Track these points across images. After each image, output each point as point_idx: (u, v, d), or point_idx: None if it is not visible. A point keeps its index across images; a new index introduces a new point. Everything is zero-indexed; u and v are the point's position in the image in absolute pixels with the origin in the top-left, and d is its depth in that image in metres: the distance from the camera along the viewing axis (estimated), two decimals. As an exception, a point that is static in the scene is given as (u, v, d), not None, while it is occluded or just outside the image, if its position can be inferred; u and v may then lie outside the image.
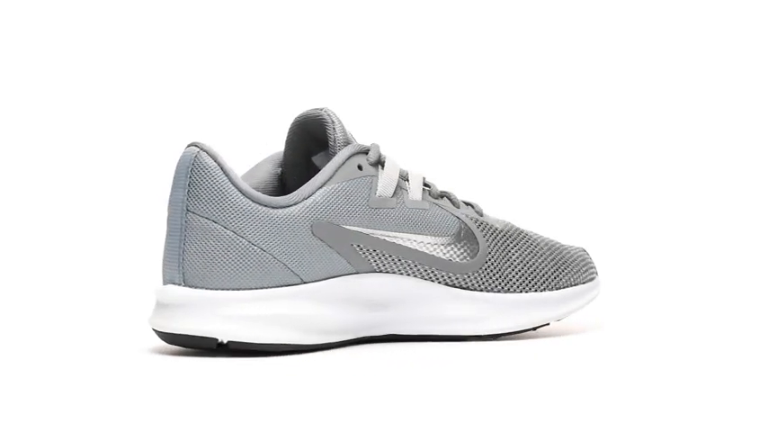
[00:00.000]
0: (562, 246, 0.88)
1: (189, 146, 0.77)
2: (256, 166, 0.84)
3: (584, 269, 0.87)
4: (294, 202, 0.78)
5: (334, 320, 0.79)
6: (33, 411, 0.63)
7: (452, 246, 0.83)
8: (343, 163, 0.80)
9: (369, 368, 0.75)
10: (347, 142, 0.81)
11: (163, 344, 0.79)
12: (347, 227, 0.79)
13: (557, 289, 0.86)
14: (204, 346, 0.76)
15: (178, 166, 0.77)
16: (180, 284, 0.76)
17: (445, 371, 0.74)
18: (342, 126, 0.81)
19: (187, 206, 0.76)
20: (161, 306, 0.77)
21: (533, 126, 1.25)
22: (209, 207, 0.76)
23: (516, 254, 0.85)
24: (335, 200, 0.79)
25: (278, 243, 0.77)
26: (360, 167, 0.81)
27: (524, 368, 0.75)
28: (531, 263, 0.85)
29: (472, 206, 0.86)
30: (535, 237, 0.87)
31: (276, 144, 0.84)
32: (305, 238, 0.78)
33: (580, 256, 0.88)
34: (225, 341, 0.76)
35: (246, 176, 0.83)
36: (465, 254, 0.83)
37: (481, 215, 0.86)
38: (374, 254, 0.80)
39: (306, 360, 0.77)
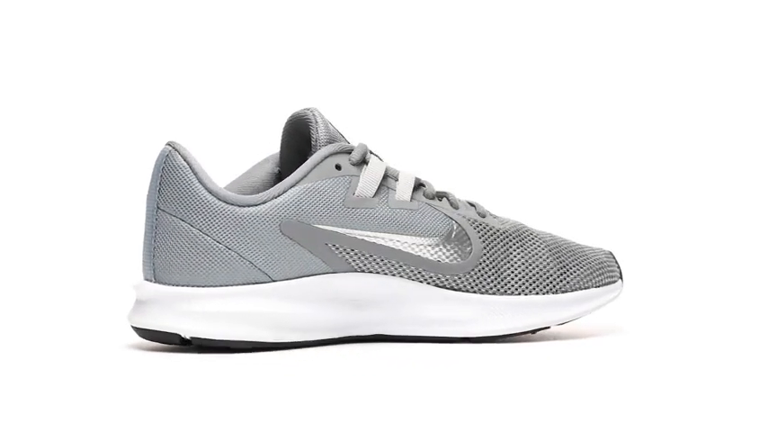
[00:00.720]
0: (577, 248, 0.85)
1: (165, 145, 0.79)
2: (257, 164, 0.85)
3: (598, 272, 0.84)
4: (263, 201, 0.79)
5: (310, 319, 0.80)
6: (13, 407, 0.65)
7: (441, 246, 0.82)
8: (319, 162, 0.80)
9: (354, 368, 0.75)
10: (330, 141, 0.81)
11: (142, 339, 0.81)
12: (319, 226, 0.79)
13: (562, 292, 0.83)
14: (169, 342, 0.78)
15: (154, 166, 0.79)
16: (151, 281, 0.78)
17: (426, 373, 0.73)
18: (325, 126, 0.81)
19: (158, 204, 0.78)
20: (136, 302, 0.79)
21: (548, 125, 1.24)
22: (177, 205, 0.78)
23: (518, 255, 0.83)
24: (307, 199, 0.79)
25: (244, 241, 0.78)
26: (338, 167, 0.80)
27: (509, 372, 0.73)
28: (534, 264, 0.83)
29: (475, 207, 0.85)
30: (546, 238, 0.85)
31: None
32: (273, 237, 0.78)
33: (597, 259, 0.85)
34: (187, 337, 0.77)
35: (246, 175, 0.84)
36: (455, 255, 0.82)
37: (484, 216, 0.84)
38: (352, 254, 0.80)
39: (286, 358, 0.78)
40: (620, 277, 0.86)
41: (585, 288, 0.84)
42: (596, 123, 1.23)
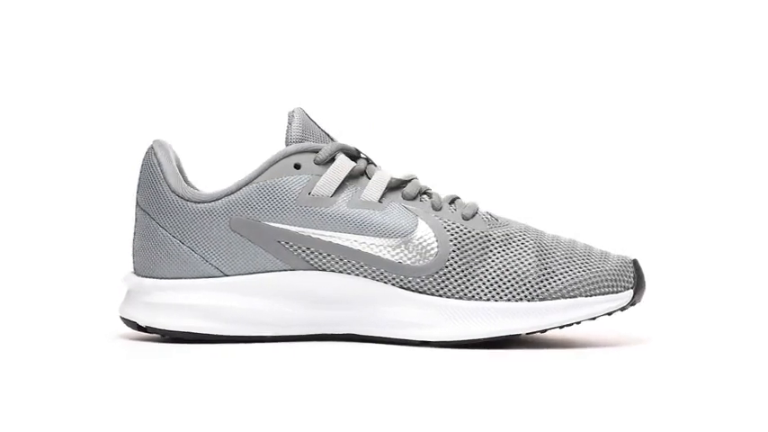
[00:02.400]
0: (582, 254, 0.80)
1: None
2: None
3: (595, 280, 0.79)
4: (216, 198, 0.81)
5: (266, 314, 0.81)
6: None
7: (402, 248, 0.80)
8: (276, 161, 0.81)
9: (288, 367, 0.75)
10: (301, 141, 0.82)
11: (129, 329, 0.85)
12: (270, 223, 0.80)
13: (539, 299, 0.79)
14: (134, 329, 0.82)
15: None
16: (133, 272, 0.83)
17: (356, 377, 0.73)
18: (301, 125, 0.82)
19: (137, 200, 0.83)
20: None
21: (559, 124, 1.23)
22: (146, 201, 0.82)
23: (497, 260, 0.80)
24: (259, 197, 0.80)
25: (195, 236, 0.81)
26: (297, 166, 0.81)
27: (444, 380, 0.71)
28: (512, 269, 0.79)
29: (464, 209, 0.82)
30: (545, 242, 0.81)
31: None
32: (223, 233, 0.81)
33: (602, 267, 0.80)
34: (144, 325, 0.81)
35: None
36: (418, 257, 0.80)
37: (468, 219, 0.81)
38: (308, 252, 0.80)
39: (241, 351, 0.80)
40: (633, 288, 0.80)
41: (571, 296, 0.79)
42: (601, 122, 1.23)
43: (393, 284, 0.80)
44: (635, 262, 0.81)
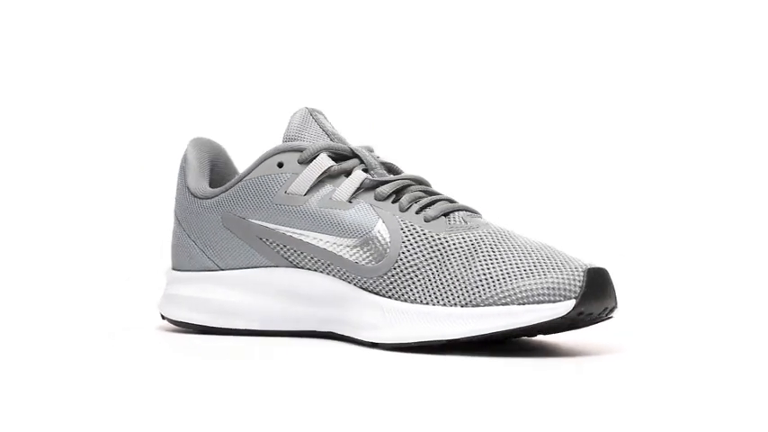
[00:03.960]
0: (533, 260, 0.76)
1: None
2: None
3: (534, 290, 0.74)
4: (215, 195, 0.85)
5: (254, 309, 0.83)
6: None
7: (359, 248, 0.79)
8: (264, 160, 0.83)
9: (249, 365, 0.77)
10: (293, 140, 0.83)
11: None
12: (253, 220, 0.83)
13: (472, 306, 0.75)
14: (161, 319, 0.88)
15: None
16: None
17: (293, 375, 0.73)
18: (297, 124, 0.84)
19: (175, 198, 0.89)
20: None
21: (553, 128, 1.24)
22: (176, 198, 0.88)
23: (443, 263, 0.77)
24: (245, 194, 0.83)
25: (198, 232, 0.85)
26: (280, 165, 0.83)
27: (371, 383, 0.71)
28: (452, 274, 0.77)
29: (428, 210, 0.79)
30: (488, 249, 0.77)
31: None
32: (217, 229, 0.84)
33: (545, 277, 0.74)
34: (161, 315, 0.87)
35: None
36: (371, 257, 0.79)
37: (427, 221, 0.79)
38: (285, 249, 0.82)
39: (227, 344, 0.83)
40: (576, 298, 0.73)
41: (503, 304, 0.74)
42: (595, 126, 1.24)
43: (354, 285, 0.80)
44: (588, 272, 0.74)
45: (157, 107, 1.26)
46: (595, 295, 0.74)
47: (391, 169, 0.84)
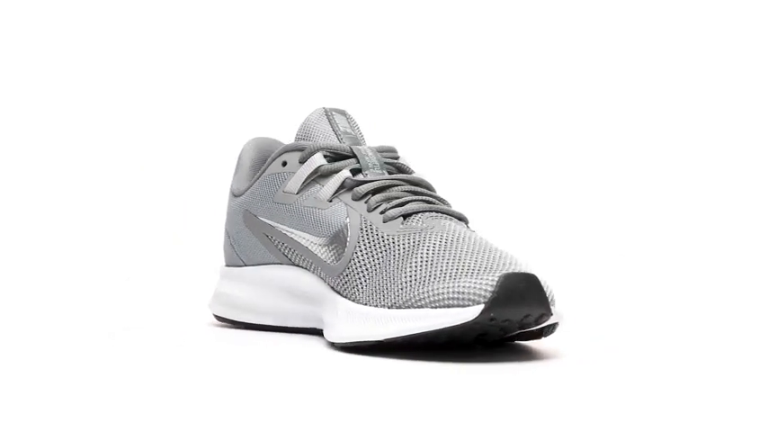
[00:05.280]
0: (456, 264, 0.74)
1: None
2: None
3: (447, 293, 0.72)
4: (241, 193, 0.88)
5: (268, 305, 0.86)
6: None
7: (327, 247, 0.81)
8: (274, 159, 0.85)
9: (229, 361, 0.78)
10: (302, 139, 0.85)
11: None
12: (261, 218, 0.86)
13: (396, 308, 0.74)
14: None
15: None
16: None
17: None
18: (308, 124, 0.85)
19: None
20: None
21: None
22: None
23: (385, 264, 0.77)
24: (258, 193, 0.86)
25: (231, 229, 0.89)
26: (284, 164, 0.84)
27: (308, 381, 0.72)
28: (389, 276, 0.76)
29: (389, 210, 0.79)
30: (426, 252, 0.75)
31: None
32: (240, 226, 0.88)
33: (463, 280, 0.72)
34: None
35: None
36: (334, 256, 0.80)
37: (385, 221, 0.78)
38: (284, 247, 0.84)
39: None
40: (487, 303, 0.71)
41: (418, 306, 0.73)
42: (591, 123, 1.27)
43: (326, 283, 0.81)
44: (502, 277, 0.71)
45: (208, 108, 1.30)
46: (508, 301, 0.71)
47: (401, 170, 0.84)
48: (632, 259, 1.21)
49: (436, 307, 0.73)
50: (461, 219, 0.80)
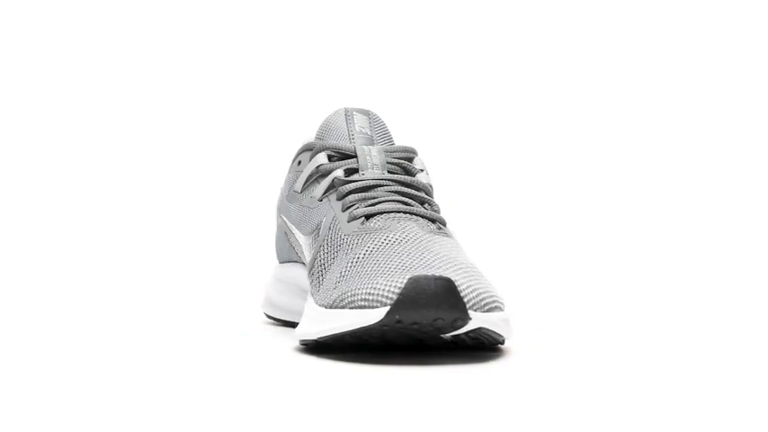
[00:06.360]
0: (385, 265, 0.73)
1: None
2: None
3: (359, 294, 0.72)
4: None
5: (285, 301, 0.88)
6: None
7: (309, 246, 0.82)
8: (294, 159, 0.87)
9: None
10: (319, 139, 0.85)
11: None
12: (281, 216, 0.87)
13: (331, 307, 0.74)
14: None
15: None
16: None
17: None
18: (326, 124, 0.85)
19: None
20: None
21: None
22: None
23: (333, 263, 0.77)
24: (282, 191, 0.88)
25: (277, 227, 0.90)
26: (299, 163, 0.85)
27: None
28: (330, 275, 0.76)
29: (355, 206, 0.79)
30: (365, 251, 0.75)
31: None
32: (276, 224, 0.89)
33: (378, 281, 0.71)
34: None
35: None
36: (309, 255, 0.81)
37: (349, 221, 0.78)
38: (295, 244, 0.85)
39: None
40: (390, 305, 0.70)
41: (340, 307, 0.73)
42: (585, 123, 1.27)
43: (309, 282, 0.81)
44: (413, 279, 0.69)
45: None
46: (413, 303, 0.69)
47: (406, 171, 0.82)
48: (631, 259, 1.20)
49: (353, 308, 0.72)
50: (434, 221, 0.79)
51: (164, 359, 0.77)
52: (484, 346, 0.75)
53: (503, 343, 0.76)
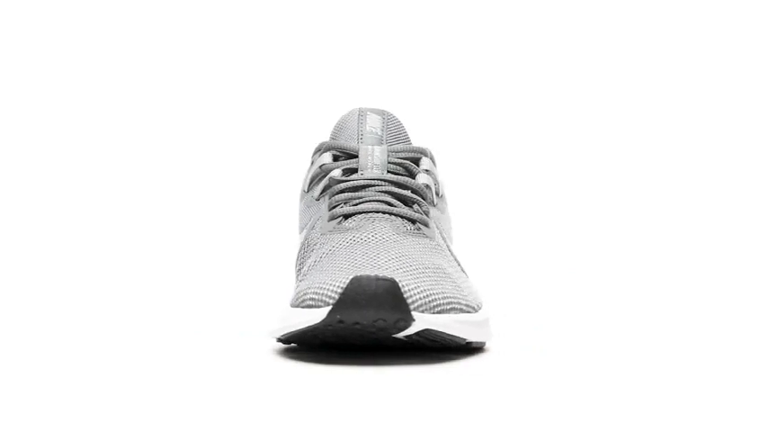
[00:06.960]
0: (340, 264, 0.73)
1: None
2: None
3: (308, 293, 0.72)
4: None
5: None
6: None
7: (298, 245, 0.82)
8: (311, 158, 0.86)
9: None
10: (333, 138, 0.86)
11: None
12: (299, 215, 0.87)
13: (290, 305, 0.74)
14: None
15: None
16: None
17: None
18: (339, 124, 0.85)
19: None
20: None
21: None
22: None
23: (307, 263, 0.77)
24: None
25: None
26: (312, 163, 0.85)
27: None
28: (302, 274, 0.77)
29: (335, 206, 0.79)
30: (329, 251, 0.75)
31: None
32: None
33: (326, 280, 0.71)
34: None
35: None
36: (298, 254, 0.81)
37: (329, 220, 0.78)
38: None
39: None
40: (332, 305, 0.69)
41: (296, 306, 0.73)
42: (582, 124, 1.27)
43: None
44: (354, 279, 0.68)
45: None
46: (353, 303, 0.68)
47: (409, 171, 0.82)
48: (631, 259, 1.19)
49: (304, 307, 0.71)
50: (414, 221, 0.78)
51: (163, 359, 0.78)
52: (450, 349, 0.74)
53: (481, 346, 0.75)
